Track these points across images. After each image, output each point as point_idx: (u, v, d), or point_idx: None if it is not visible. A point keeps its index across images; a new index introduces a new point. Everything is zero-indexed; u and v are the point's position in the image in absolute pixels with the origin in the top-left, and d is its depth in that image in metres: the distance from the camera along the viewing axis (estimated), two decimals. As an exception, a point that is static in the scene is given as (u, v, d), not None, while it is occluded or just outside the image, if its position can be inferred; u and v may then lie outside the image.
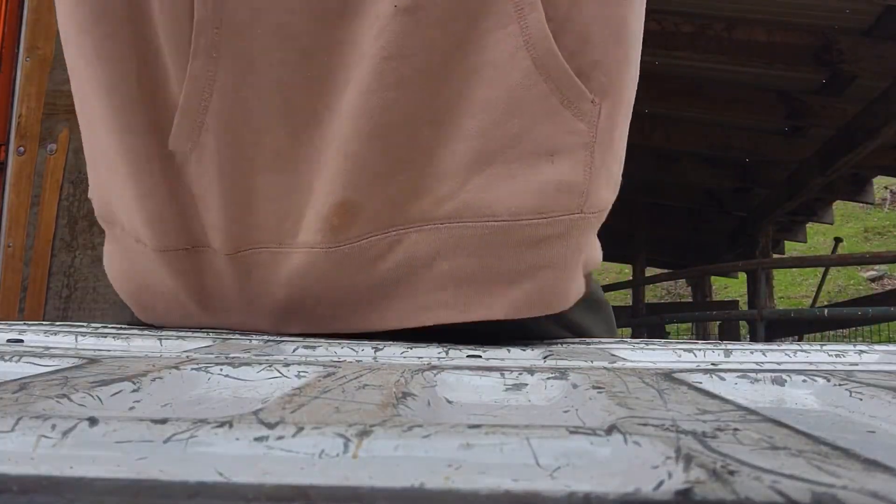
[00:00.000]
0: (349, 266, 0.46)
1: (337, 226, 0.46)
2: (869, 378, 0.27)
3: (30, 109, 1.52)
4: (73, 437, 0.15)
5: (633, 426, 0.17)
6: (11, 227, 1.49)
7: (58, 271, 1.47)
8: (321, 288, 0.48)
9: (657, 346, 0.46)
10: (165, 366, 0.27)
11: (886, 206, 10.47)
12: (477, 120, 0.44)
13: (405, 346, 0.43)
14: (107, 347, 0.39)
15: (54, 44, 1.54)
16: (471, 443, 0.15)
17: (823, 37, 3.25)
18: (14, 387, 0.21)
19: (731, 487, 0.12)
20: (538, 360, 0.36)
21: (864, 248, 9.36)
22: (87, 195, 0.57)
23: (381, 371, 0.27)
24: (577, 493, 0.12)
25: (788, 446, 0.15)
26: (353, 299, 0.48)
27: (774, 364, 0.34)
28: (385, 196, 0.45)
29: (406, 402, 0.21)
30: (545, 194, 0.45)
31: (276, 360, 0.30)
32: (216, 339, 0.45)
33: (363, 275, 0.47)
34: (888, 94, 3.34)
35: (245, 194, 0.47)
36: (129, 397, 0.23)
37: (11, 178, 1.50)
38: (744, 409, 0.20)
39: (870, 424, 0.22)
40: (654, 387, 0.24)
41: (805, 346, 0.45)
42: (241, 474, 0.14)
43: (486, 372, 0.28)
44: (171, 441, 0.15)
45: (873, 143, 3.58)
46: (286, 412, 0.18)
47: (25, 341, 0.40)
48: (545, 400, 0.26)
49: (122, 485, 0.13)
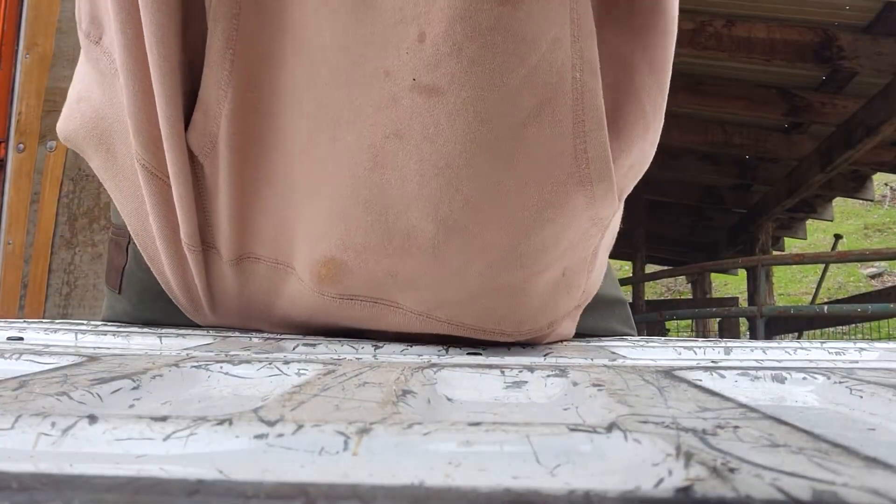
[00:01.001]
0: (335, 314, 0.46)
1: (324, 276, 0.44)
2: (869, 375, 0.27)
3: (29, 106, 1.52)
4: (72, 435, 0.15)
5: (634, 424, 0.17)
6: (11, 224, 1.49)
7: (58, 268, 1.47)
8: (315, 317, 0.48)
9: (657, 343, 0.46)
10: (165, 363, 0.27)
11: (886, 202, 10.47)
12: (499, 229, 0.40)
13: (405, 344, 0.43)
14: (107, 345, 0.39)
15: (54, 40, 1.54)
16: (471, 440, 0.15)
17: (823, 33, 3.25)
18: (14, 384, 0.21)
19: (732, 485, 0.12)
20: (538, 358, 0.36)
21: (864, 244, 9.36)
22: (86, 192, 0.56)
23: (381, 369, 0.27)
24: (577, 490, 0.12)
25: (789, 444, 0.15)
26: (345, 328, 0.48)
27: (774, 361, 0.34)
28: (378, 271, 0.42)
29: (406, 399, 0.21)
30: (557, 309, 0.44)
31: (276, 358, 0.30)
32: (216, 336, 0.45)
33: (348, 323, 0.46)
34: (888, 91, 3.33)
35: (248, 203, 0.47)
36: (128, 395, 0.23)
37: (11, 175, 1.50)
38: (744, 406, 0.20)
39: (870, 422, 0.22)
40: (655, 384, 0.24)
41: (805, 343, 0.45)
42: (240, 472, 0.14)
43: (486, 370, 0.28)
44: (171, 438, 0.15)
45: (873, 139, 3.57)
46: (286, 410, 0.18)
47: (25, 339, 0.40)
48: (545, 397, 0.26)
49: (122, 482, 0.13)
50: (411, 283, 0.42)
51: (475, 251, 0.40)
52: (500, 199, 0.39)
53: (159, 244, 0.51)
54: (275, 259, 0.48)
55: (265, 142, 0.45)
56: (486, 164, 0.38)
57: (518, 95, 0.37)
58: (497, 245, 0.40)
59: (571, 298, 0.45)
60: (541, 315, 0.44)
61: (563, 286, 0.44)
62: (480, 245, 0.40)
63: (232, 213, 0.47)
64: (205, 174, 0.47)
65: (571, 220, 0.40)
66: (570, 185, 0.39)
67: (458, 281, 0.41)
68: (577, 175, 0.39)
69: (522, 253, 0.40)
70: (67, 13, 1.54)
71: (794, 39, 3.30)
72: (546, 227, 0.40)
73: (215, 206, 0.48)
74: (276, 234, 0.47)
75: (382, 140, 0.39)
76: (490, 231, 0.39)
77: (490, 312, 0.42)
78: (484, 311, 0.42)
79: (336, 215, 0.42)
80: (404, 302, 0.43)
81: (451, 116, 0.37)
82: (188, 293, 0.53)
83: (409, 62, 0.37)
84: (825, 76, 3.61)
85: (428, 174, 0.38)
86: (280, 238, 0.47)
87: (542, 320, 0.44)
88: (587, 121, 0.38)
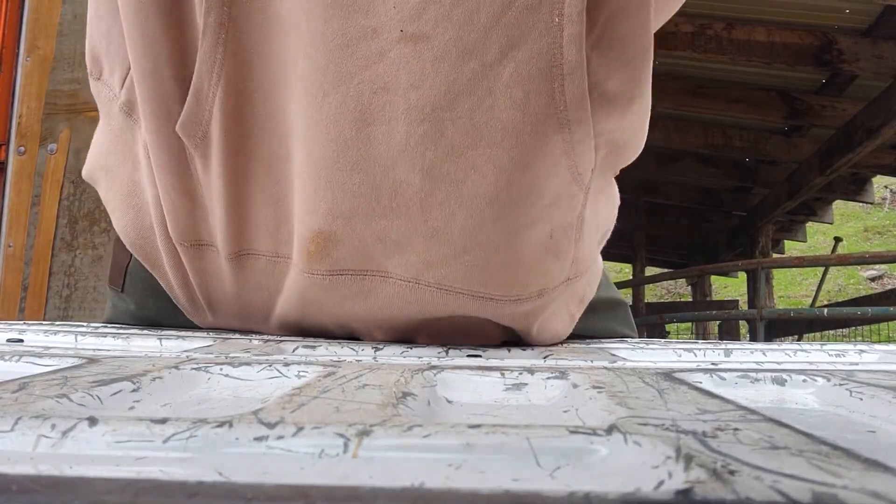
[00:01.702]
0: (327, 297, 0.46)
1: (313, 252, 0.44)
2: (869, 378, 0.27)
3: (30, 109, 1.52)
4: (72, 437, 0.15)
5: (634, 426, 0.17)
6: (12, 226, 1.49)
7: (58, 271, 1.47)
8: (310, 309, 0.47)
9: (657, 345, 0.46)
10: (165, 365, 0.27)
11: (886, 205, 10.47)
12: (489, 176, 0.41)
13: (405, 346, 0.43)
14: (106, 347, 0.39)
15: (55, 43, 1.54)
16: (471, 442, 0.15)
17: (823, 36, 3.25)
18: (14, 386, 0.21)
19: (732, 487, 0.12)
20: (538, 360, 0.36)
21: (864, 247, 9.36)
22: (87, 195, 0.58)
23: (381, 371, 0.27)
24: (578, 492, 0.12)
25: (789, 446, 0.15)
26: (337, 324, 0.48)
27: (774, 364, 0.34)
28: (366, 237, 0.43)
29: (406, 401, 0.21)
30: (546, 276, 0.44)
31: (276, 360, 0.30)
32: (216, 338, 0.45)
33: (340, 309, 0.46)
34: (888, 94, 3.34)
35: (243, 195, 0.47)
36: (128, 397, 0.23)
37: (12, 177, 1.50)
38: (744, 408, 0.20)
39: (870, 424, 0.22)
40: (654, 386, 0.24)
41: (805, 345, 0.45)
42: (240, 474, 0.14)
43: (487, 371, 0.28)
44: (171, 441, 0.15)
45: (873, 142, 3.58)
46: (286, 412, 0.18)
47: (25, 341, 0.40)
48: (545, 400, 0.26)
49: (122, 484, 0.13)
50: (399, 246, 0.43)
51: (459, 201, 0.41)
52: (482, 143, 0.40)
53: (160, 243, 0.52)
54: (275, 252, 0.48)
55: (257, 127, 0.46)
56: (468, 106, 0.40)
57: (495, 32, 0.39)
58: (480, 194, 0.41)
59: (560, 267, 0.45)
60: (529, 279, 0.44)
61: (550, 249, 0.44)
62: (464, 194, 0.41)
63: (227, 204, 0.47)
64: (197, 167, 0.48)
65: (551, 168, 0.41)
66: (548, 127, 0.40)
67: (444, 236, 0.42)
68: (555, 118, 0.40)
69: (504, 202, 0.41)
70: (68, 16, 1.55)
71: (794, 43, 3.30)
72: (526, 174, 0.41)
73: (210, 199, 0.48)
74: (275, 225, 0.47)
75: (370, 96, 0.40)
76: (473, 178, 0.41)
77: (477, 271, 0.43)
78: (471, 270, 0.43)
79: (324, 185, 0.43)
80: (393, 269, 0.44)
81: (435, 60, 0.39)
82: (188, 293, 0.53)
83: (396, 16, 0.40)
84: (825, 79, 3.62)
85: (415, 121, 0.40)
86: (281, 228, 0.47)
87: (531, 285, 0.44)
88: (565, 64, 0.39)
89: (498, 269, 0.43)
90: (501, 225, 0.42)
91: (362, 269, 0.44)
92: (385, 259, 0.43)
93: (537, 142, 0.40)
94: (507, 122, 0.40)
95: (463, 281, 0.43)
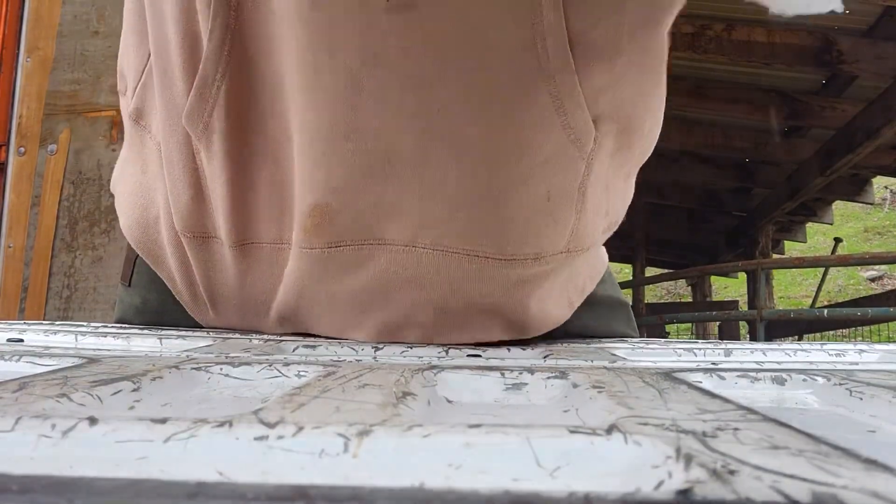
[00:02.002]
0: (325, 272, 0.46)
1: (310, 227, 0.45)
2: (869, 377, 0.27)
3: (30, 110, 1.52)
4: (73, 437, 0.15)
5: (634, 426, 0.17)
6: (12, 227, 1.49)
7: (58, 272, 1.47)
8: (308, 292, 0.48)
9: (657, 345, 0.46)
10: (165, 365, 0.27)
11: (886, 206, 10.47)
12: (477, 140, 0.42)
13: (405, 346, 0.43)
14: (107, 347, 0.39)
15: (55, 44, 1.54)
16: (471, 442, 0.15)
17: (823, 37, 3.26)
18: (14, 386, 0.21)
19: (732, 487, 0.12)
20: (538, 360, 0.36)
21: (864, 248, 9.36)
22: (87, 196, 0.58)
23: (381, 370, 0.27)
24: (578, 492, 0.12)
25: (789, 446, 0.15)
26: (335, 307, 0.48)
27: (775, 363, 0.34)
28: (362, 205, 0.43)
29: (406, 401, 0.21)
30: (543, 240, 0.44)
31: (276, 360, 0.30)
32: (216, 338, 0.45)
33: (338, 284, 0.46)
34: (888, 95, 3.34)
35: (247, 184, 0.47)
36: (129, 397, 0.23)
37: (12, 178, 1.50)
38: (744, 408, 0.20)
39: (870, 424, 0.22)
40: (655, 386, 0.24)
41: (805, 345, 0.45)
42: (241, 474, 0.14)
43: (487, 371, 0.28)
44: (171, 440, 0.15)
45: (873, 143, 3.58)
46: (286, 412, 0.18)
47: (25, 341, 0.40)
48: (545, 399, 0.26)
49: (123, 484, 0.13)
50: (395, 209, 0.43)
51: (452, 157, 0.42)
52: (473, 100, 0.41)
53: (165, 237, 0.52)
54: (278, 238, 0.48)
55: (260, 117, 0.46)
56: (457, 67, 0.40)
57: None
58: (472, 150, 0.42)
59: (559, 233, 0.45)
60: (525, 239, 0.44)
61: (547, 212, 0.44)
62: (457, 149, 0.42)
63: (231, 195, 0.47)
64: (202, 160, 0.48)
65: (540, 122, 0.42)
66: (533, 80, 0.41)
67: (438, 195, 0.42)
68: (539, 70, 0.40)
69: (497, 157, 0.42)
70: (68, 17, 1.55)
71: (794, 43, 3.31)
72: (515, 128, 0.41)
73: (214, 190, 0.48)
74: (279, 212, 0.48)
75: (360, 66, 0.41)
76: (464, 136, 0.41)
77: (472, 228, 0.43)
78: (466, 228, 0.43)
79: (319, 157, 0.43)
80: (389, 234, 0.44)
81: (422, 23, 0.40)
82: (191, 288, 0.53)
83: None
84: (825, 80, 3.62)
85: (405, 88, 0.41)
86: (284, 214, 0.47)
87: (526, 247, 0.44)
88: (545, 14, 0.40)
89: (492, 225, 0.43)
90: (495, 180, 0.42)
91: (360, 239, 0.45)
92: (382, 226, 0.44)
93: (523, 95, 0.41)
94: (494, 79, 0.41)
95: (458, 239, 0.43)
